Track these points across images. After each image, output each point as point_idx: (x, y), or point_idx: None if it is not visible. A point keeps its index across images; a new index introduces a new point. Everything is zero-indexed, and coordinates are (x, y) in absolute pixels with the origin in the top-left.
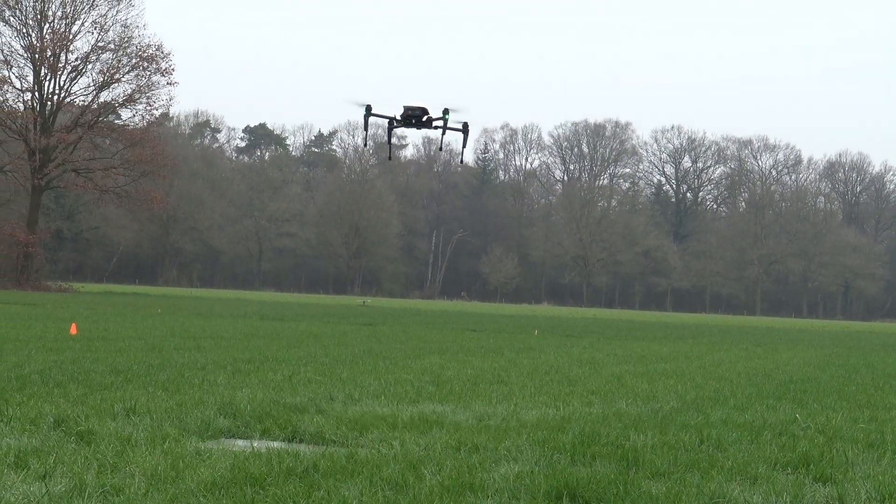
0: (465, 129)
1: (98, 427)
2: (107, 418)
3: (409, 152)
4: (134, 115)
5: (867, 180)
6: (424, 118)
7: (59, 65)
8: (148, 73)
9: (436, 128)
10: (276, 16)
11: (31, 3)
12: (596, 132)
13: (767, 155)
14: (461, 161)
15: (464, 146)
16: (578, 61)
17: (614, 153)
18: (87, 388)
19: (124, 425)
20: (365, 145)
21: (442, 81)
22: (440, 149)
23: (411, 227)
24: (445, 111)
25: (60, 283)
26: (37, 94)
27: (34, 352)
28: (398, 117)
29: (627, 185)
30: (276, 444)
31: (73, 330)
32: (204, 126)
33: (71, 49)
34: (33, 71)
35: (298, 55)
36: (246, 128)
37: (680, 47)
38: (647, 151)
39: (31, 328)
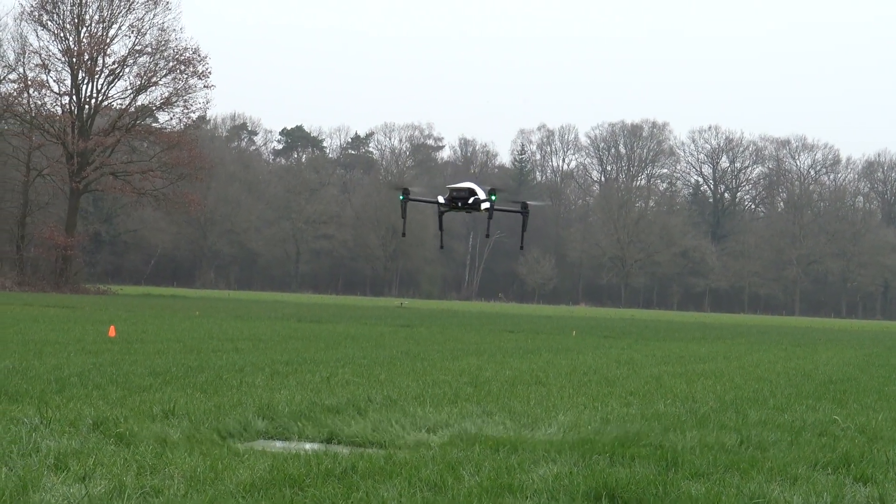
0: (524, 211)
1: (137, 429)
2: (146, 420)
3: (446, 153)
4: (171, 118)
5: None
6: (471, 200)
7: (97, 68)
8: (185, 76)
9: (486, 210)
10: (313, 19)
11: (69, 8)
12: (633, 133)
13: (806, 155)
14: (521, 247)
15: (524, 229)
16: (615, 62)
17: (651, 153)
18: (126, 390)
19: (163, 427)
20: (403, 235)
21: (478, 83)
22: (487, 235)
23: (448, 228)
24: (492, 192)
25: (99, 286)
26: (74, 97)
27: (73, 354)
28: (442, 200)
29: (665, 185)
30: (314, 446)
31: (112, 332)
32: (241, 129)
33: (108, 53)
34: (71, 75)
35: (335, 58)
36: (283, 130)
37: (717, 47)
38: (684, 152)
39: (70, 331)
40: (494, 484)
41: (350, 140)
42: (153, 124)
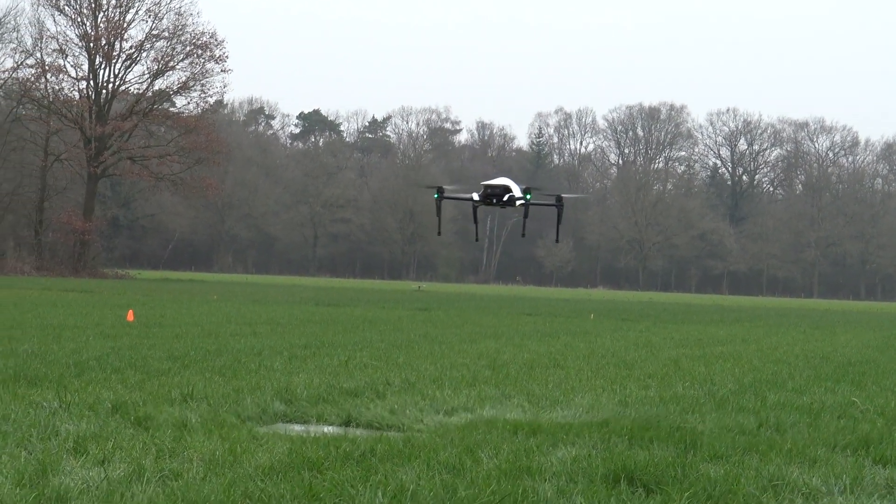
0: (559, 204)
1: (155, 412)
2: (164, 404)
3: (463, 137)
4: (188, 103)
5: None
6: (506, 197)
7: (114, 53)
8: (202, 60)
9: (521, 205)
10: (330, 4)
11: None
12: (651, 115)
13: (824, 137)
14: (556, 240)
15: (559, 223)
16: (632, 44)
17: (669, 136)
18: (145, 374)
19: (182, 410)
20: (439, 233)
21: (496, 65)
22: (523, 235)
23: (466, 211)
24: (527, 191)
25: (117, 271)
26: (92, 82)
27: (92, 338)
28: (476, 197)
29: (683, 168)
30: (332, 429)
31: (130, 316)
32: (258, 113)
33: (125, 37)
34: (88, 60)
35: (352, 41)
36: (300, 114)
37: (735, 29)
38: (702, 134)
39: (89, 315)
40: (513, 466)
41: (367, 124)
42: (170, 109)
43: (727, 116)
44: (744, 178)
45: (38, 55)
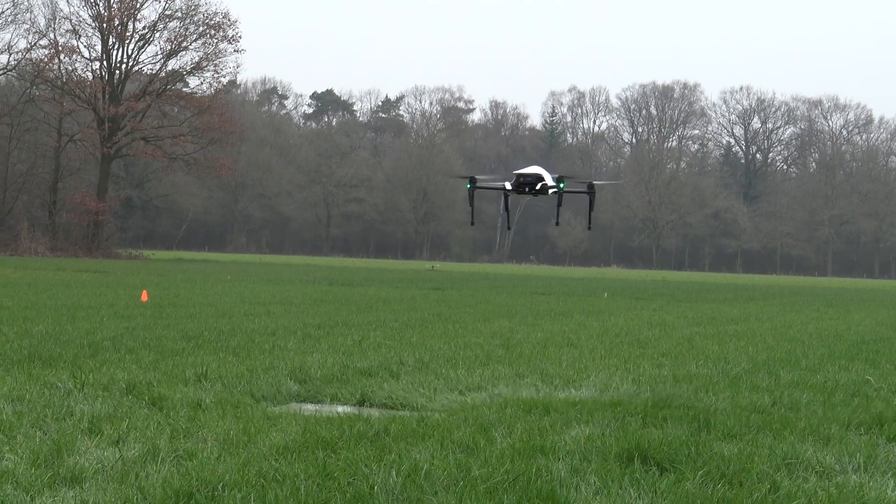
0: (591, 191)
1: (170, 392)
2: (178, 384)
3: (476, 116)
4: (201, 83)
5: None
6: (539, 185)
7: (127, 34)
8: (215, 40)
9: (553, 194)
10: None
11: None
12: (664, 94)
13: (838, 115)
14: (589, 227)
15: (591, 209)
16: (646, 22)
17: (683, 115)
18: (159, 354)
19: (196, 391)
20: (472, 223)
21: (509, 44)
22: (557, 223)
23: (481, 192)
24: (560, 179)
25: (130, 251)
26: (105, 63)
27: (106, 319)
28: (509, 186)
29: (696, 146)
30: (346, 409)
31: (144, 297)
32: (271, 93)
33: (138, 18)
34: (101, 40)
35: (365, 21)
36: (313, 94)
37: (748, 7)
38: (715, 113)
39: (103, 295)
40: (527, 445)
41: (380, 103)
42: (184, 89)
43: (741, 95)
44: (757, 156)
45: (52, 36)
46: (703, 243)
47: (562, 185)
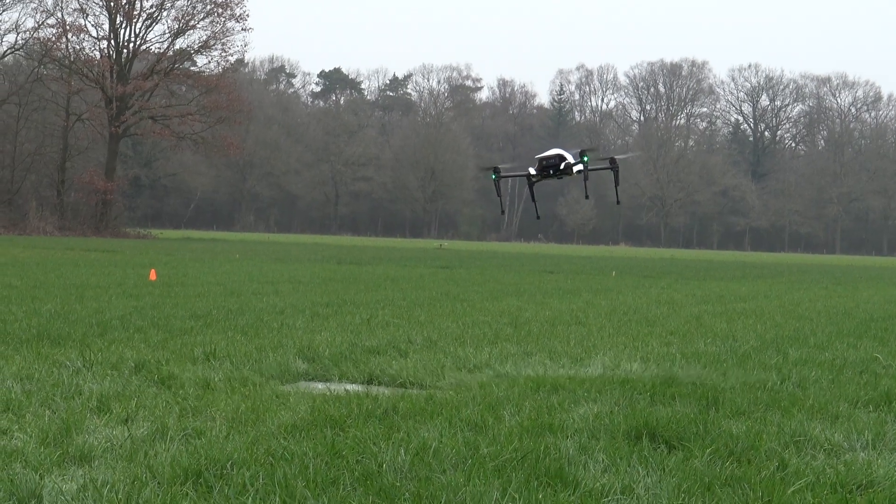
0: (614, 166)
1: (178, 371)
2: (187, 363)
3: (484, 95)
4: (209, 62)
5: None
6: (563, 166)
7: (135, 12)
8: (222, 19)
9: (578, 173)
10: None
11: None
12: (672, 72)
13: (846, 92)
14: (618, 202)
15: (616, 184)
16: (654, 0)
17: (691, 93)
18: (168, 333)
19: (204, 369)
20: (503, 212)
21: (517, 22)
22: (586, 196)
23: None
24: (583, 153)
25: (139, 230)
26: (113, 42)
27: (114, 298)
28: (533, 171)
29: (704, 124)
30: (355, 387)
31: (153, 276)
32: (279, 71)
33: None
34: (109, 19)
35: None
36: (321, 73)
37: None
38: (724, 90)
39: (111, 275)
40: (535, 423)
41: (388, 82)
42: (191, 68)
43: (749, 72)
44: (766, 133)
45: (59, 15)
46: (711, 221)
47: (586, 159)
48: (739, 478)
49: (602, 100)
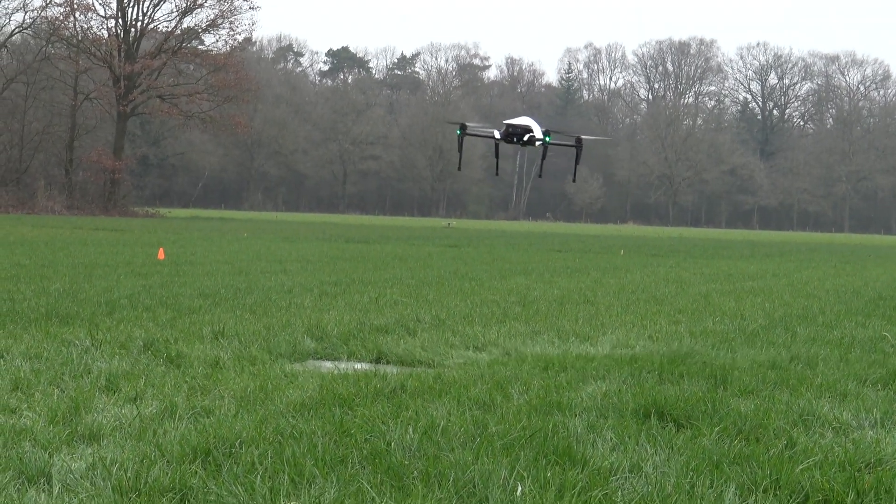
0: (578, 145)
1: (187, 350)
2: (196, 341)
3: (492, 73)
4: (217, 41)
5: None
6: (526, 137)
7: None
8: None
9: (540, 145)
10: None
11: None
12: (680, 50)
13: (855, 70)
14: (573, 179)
15: (577, 163)
16: None
17: (699, 71)
18: (176, 311)
19: (213, 348)
20: (459, 168)
21: (525, 1)
22: (539, 175)
23: (498, 148)
24: (546, 133)
25: (147, 209)
26: (120, 20)
27: (123, 277)
28: (498, 135)
29: (713, 103)
30: (363, 366)
31: (161, 255)
32: (287, 50)
33: None
34: None
35: None
36: (329, 51)
37: None
38: (732, 69)
39: (120, 254)
40: (543, 402)
41: (396, 61)
42: (199, 47)
43: (757, 51)
44: (774, 112)
45: None
46: (719, 200)
47: (547, 139)
48: (748, 456)
49: (610, 78)
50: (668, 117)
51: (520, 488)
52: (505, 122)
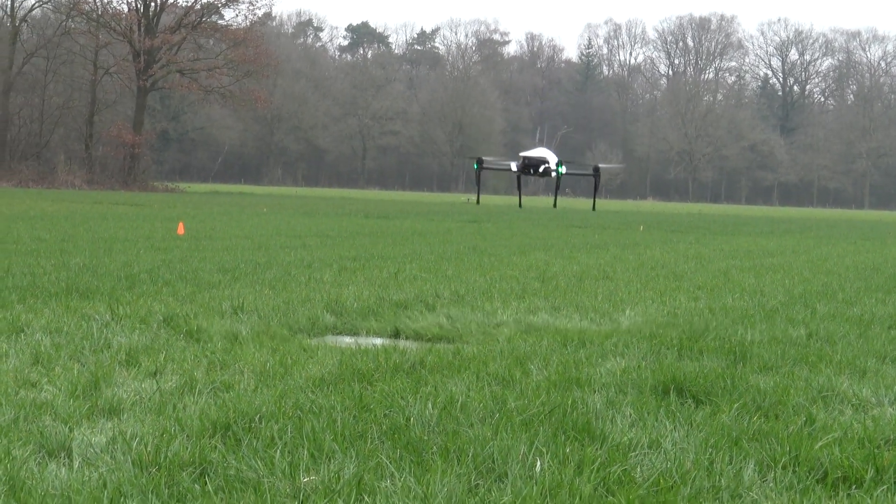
0: (595, 174)
1: (207, 325)
2: (215, 316)
3: (512, 49)
4: (237, 15)
5: None
6: (542, 168)
7: None
8: None
9: (555, 176)
10: None
11: None
12: (701, 25)
13: (876, 46)
14: (593, 208)
15: (595, 190)
16: None
17: (720, 47)
18: (196, 286)
19: (232, 323)
20: (478, 202)
21: None
22: (554, 205)
23: (515, 123)
24: (559, 163)
25: (167, 184)
26: None
27: (143, 251)
28: (514, 168)
29: (733, 78)
30: (382, 341)
31: (181, 229)
32: (306, 25)
33: None
34: None
35: None
36: (348, 26)
37: None
38: (752, 44)
39: (139, 228)
40: (562, 378)
41: (416, 36)
42: (219, 21)
43: (778, 26)
44: (795, 88)
45: None
46: (739, 176)
47: (560, 171)
48: (767, 432)
49: (630, 54)
50: (689, 93)
51: (539, 464)
52: (521, 154)
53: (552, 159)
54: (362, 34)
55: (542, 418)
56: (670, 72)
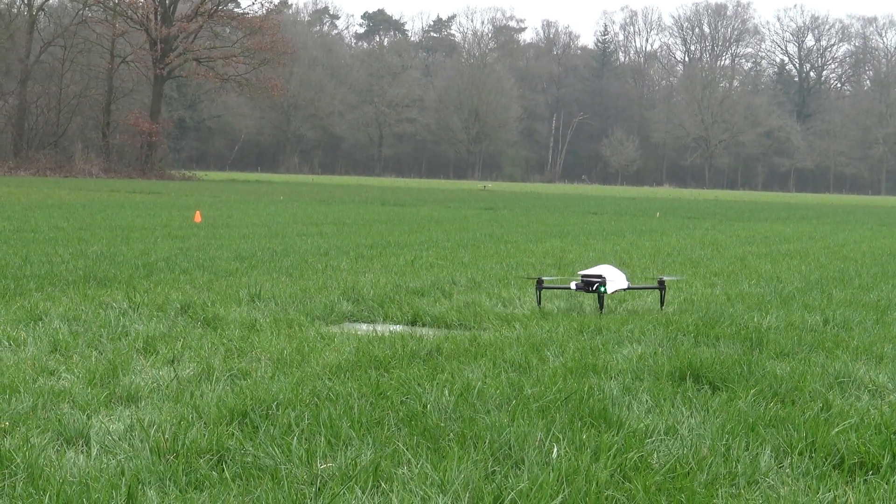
0: (661, 287)
1: (224, 312)
2: (232, 304)
3: (528, 35)
4: (253, 3)
5: None
6: (604, 288)
7: None
8: None
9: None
10: None
11: None
12: (717, 12)
13: (893, 32)
14: (661, 307)
15: (662, 304)
16: None
17: (736, 33)
18: (213, 274)
19: (250, 310)
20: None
21: None
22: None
23: (531, 110)
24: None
25: (184, 172)
26: None
27: (160, 239)
28: (574, 287)
29: (749, 65)
30: (399, 328)
31: (198, 217)
32: (323, 13)
33: None
34: None
35: None
36: (364, 14)
37: None
38: (769, 31)
39: (157, 216)
40: (579, 365)
41: (432, 23)
42: (235, 9)
43: (794, 12)
44: (811, 74)
45: None
46: (755, 162)
47: (621, 290)
48: (783, 418)
49: (646, 40)
50: (705, 79)
51: (555, 450)
52: (580, 273)
53: (614, 275)
54: (378, 22)
55: (558, 405)
56: (686, 58)
